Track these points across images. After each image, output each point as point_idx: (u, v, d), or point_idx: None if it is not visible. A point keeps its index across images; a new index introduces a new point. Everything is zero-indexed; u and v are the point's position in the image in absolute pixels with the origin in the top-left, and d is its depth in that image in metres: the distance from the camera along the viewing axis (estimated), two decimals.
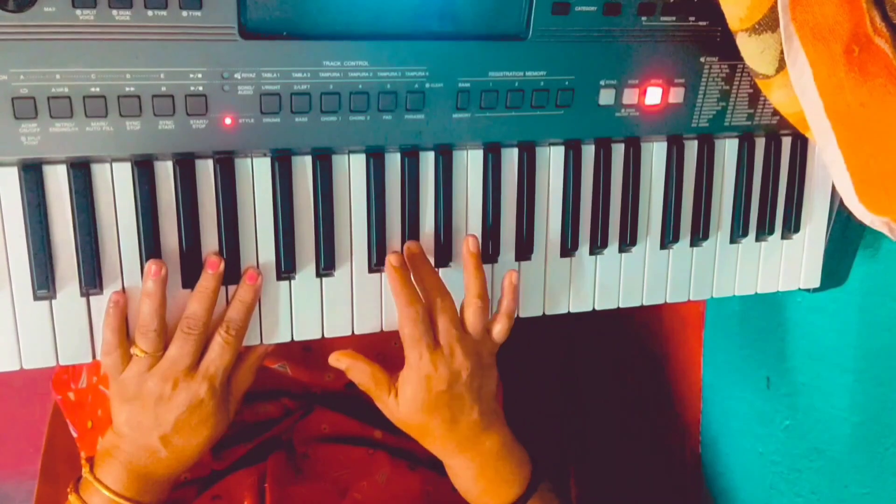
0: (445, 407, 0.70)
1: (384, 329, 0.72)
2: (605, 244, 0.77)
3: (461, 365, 0.70)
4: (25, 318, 0.63)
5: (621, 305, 0.77)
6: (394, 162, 0.69)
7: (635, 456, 1.09)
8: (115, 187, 0.63)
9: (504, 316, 0.72)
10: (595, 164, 0.75)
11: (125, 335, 0.64)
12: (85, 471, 0.69)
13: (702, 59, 0.74)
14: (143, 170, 0.63)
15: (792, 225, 0.83)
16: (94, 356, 0.65)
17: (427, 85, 0.67)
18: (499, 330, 0.72)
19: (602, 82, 0.71)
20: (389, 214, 0.70)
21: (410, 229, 0.70)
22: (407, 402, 0.70)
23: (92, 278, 0.63)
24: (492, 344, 0.73)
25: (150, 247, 0.64)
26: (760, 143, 0.80)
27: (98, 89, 0.59)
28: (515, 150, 0.72)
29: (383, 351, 0.91)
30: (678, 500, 1.16)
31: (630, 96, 0.73)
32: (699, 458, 1.13)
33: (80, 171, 0.61)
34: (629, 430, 0.91)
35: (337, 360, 0.72)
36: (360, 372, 0.72)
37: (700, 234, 0.80)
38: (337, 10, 0.63)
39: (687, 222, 0.79)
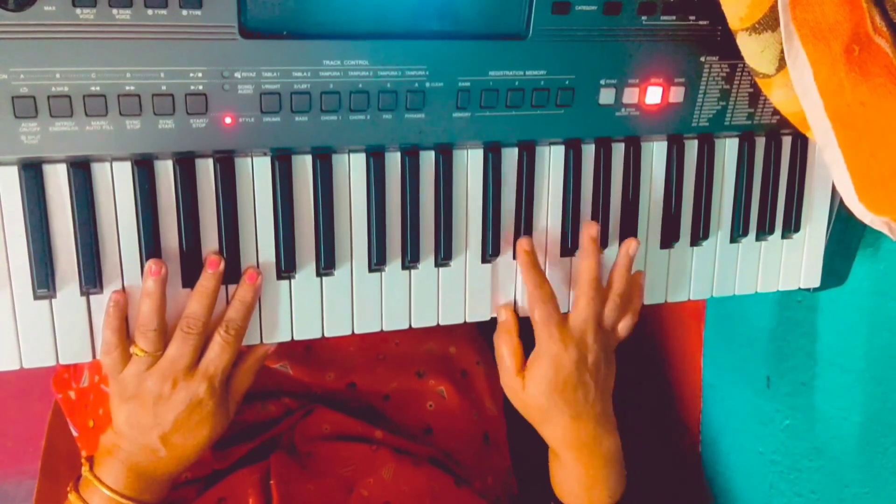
0: (571, 391, 0.72)
1: (384, 329, 0.72)
2: (605, 244, 0.76)
3: (589, 348, 0.72)
4: (25, 317, 0.63)
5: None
6: (394, 161, 0.69)
7: (635, 455, 1.09)
8: (115, 186, 0.63)
9: (632, 313, 0.76)
10: (595, 163, 0.75)
11: (125, 334, 0.64)
12: (85, 469, 0.69)
13: (702, 59, 0.74)
14: (143, 169, 0.63)
15: (792, 224, 0.83)
16: (93, 355, 0.65)
17: (427, 84, 0.67)
18: (625, 326, 0.76)
19: (602, 82, 0.71)
20: (389, 214, 0.70)
21: (411, 229, 0.70)
22: (534, 381, 0.72)
23: (92, 277, 0.63)
24: (615, 339, 0.76)
25: (150, 246, 0.64)
26: (761, 143, 0.80)
27: (98, 88, 0.59)
28: (515, 150, 0.72)
29: (383, 351, 0.92)
30: (678, 500, 1.16)
31: (630, 96, 0.73)
32: (699, 458, 1.13)
33: (81, 171, 0.61)
34: (629, 430, 0.91)
35: (501, 311, 0.74)
36: (509, 339, 0.74)
37: (700, 233, 0.80)
38: (337, 10, 0.63)
39: (687, 222, 0.79)
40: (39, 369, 0.65)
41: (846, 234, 0.84)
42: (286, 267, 0.68)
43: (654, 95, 0.73)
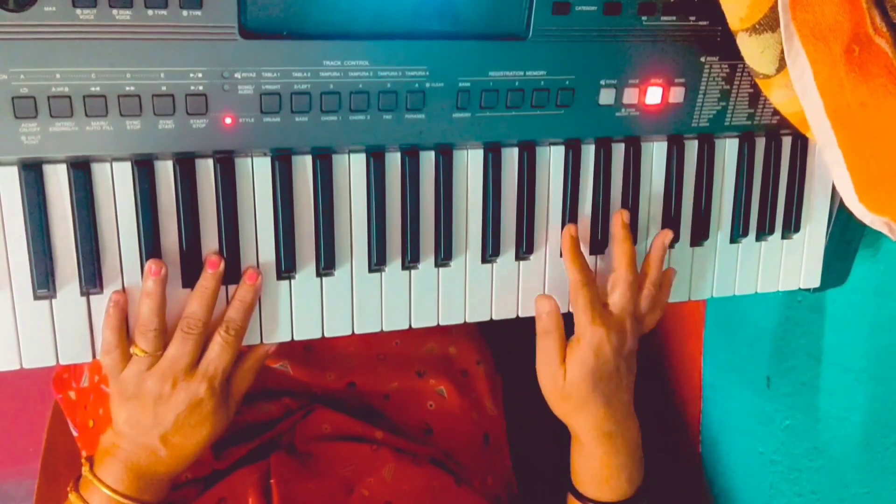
0: (607, 378, 0.73)
1: (384, 329, 0.72)
2: (605, 244, 0.77)
3: (626, 337, 0.73)
4: (25, 317, 0.63)
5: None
6: (394, 161, 0.69)
7: None
8: (116, 187, 0.63)
9: (660, 307, 0.77)
10: (595, 163, 0.75)
11: (125, 335, 0.64)
12: (85, 469, 0.69)
13: (702, 59, 0.74)
14: (143, 169, 0.63)
15: (792, 225, 0.83)
16: (94, 355, 0.65)
17: (427, 84, 0.67)
18: (653, 318, 0.77)
19: (602, 82, 0.71)
20: (390, 214, 0.70)
21: (411, 229, 0.70)
22: (575, 368, 0.72)
23: (92, 278, 0.63)
24: (640, 331, 0.76)
25: (150, 246, 0.64)
26: (760, 143, 0.80)
27: (98, 89, 0.59)
28: (515, 150, 0.72)
29: (383, 351, 0.92)
30: (678, 500, 1.16)
31: (630, 96, 0.73)
32: (699, 458, 1.13)
33: (81, 171, 0.61)
34: None
35: (543, 301, 0.74)
36: (555, 325, 0.74)
37: (700, 233, 0.80)
38: (337, 10, 0.63)
39: (687, 222, 0.79)
40: (39, 369, 0.65)
41: (846, 234, 0.84)
42: (286, 267, 0.68)
43: (654, 96, 0.73)
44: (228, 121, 0.63)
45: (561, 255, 0.75)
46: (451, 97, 0.68)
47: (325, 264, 0.68)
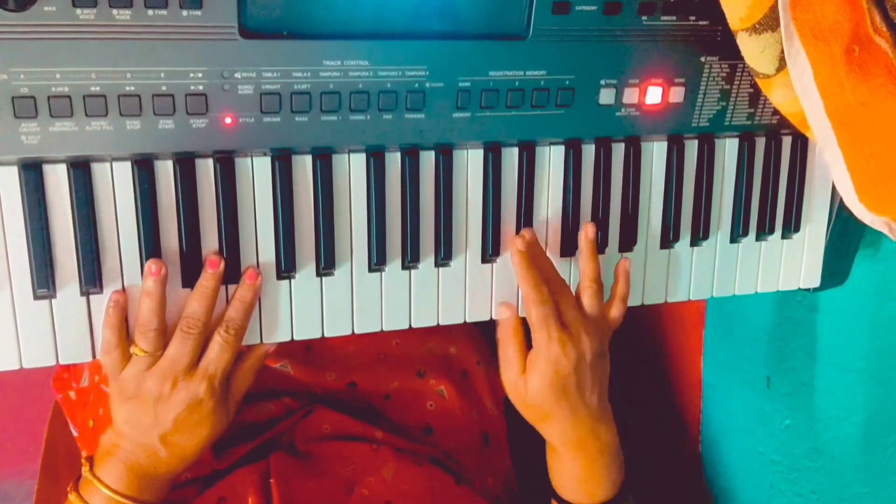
0: (571, 390, 0.72)
1: (384, 329, 0.72)
2: (605, 244, 0.77)
3: (587, 346, 0.72)
4: (25, 317, 0.62)
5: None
6: (394, 161, 0.69)
7: (635, 455, 1.09)
8: (116, 186, 0.63)
9: (619, 300, 0.75)
10: (595, 163, 0.75)
11: (125, 334, 0.64)
12: (85, 469, 0.69)
13: (702, 59, 0.74)
14: (143, 169, 0.63)
15: (792, 225, 0.83)
16: (93, 355, 0.65)
17: (427, 84, 0.67)
18: (615, 314, 0.75)
19: (602, 82, 0.71)
20: (390, 214, 0.70)
21: (411, 229, 0.70)
22: (535, 381, 0.72)
23: (92, 277, 0.63)
24: (607, 328, 0.75)
25: (150, 246, 0.64)
26: (761, 143, 0.80)
27: (98, 88, 0.59)
28: (515, 150, 0.72)
29: (383, 350, 0.92)
30: (678, 500, 1.16)
31: (630, 96, 0.73)
32: (699, 458, 1.13)
33: (81, 171, 0.61)
34: (629, 430, 0.91)
35: (505, 308, 0.74)
36: (513, 334, 0.73)
37: (700, 233, 0.80)
38: (337, 10, 0.63)
39: (687, 222, 0.79)
40: (39, 369, 0.65)
41: (846, 234, 0.84)
42: (286, 267, 0.68)
43: (654, 95, 0.73)
44: (228, 121, 0.63)
45: (568, 255, 0.75)
46: (451, 97, 0.68)
47: (325, 264, 0.68)
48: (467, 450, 0.89)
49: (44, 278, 0.62)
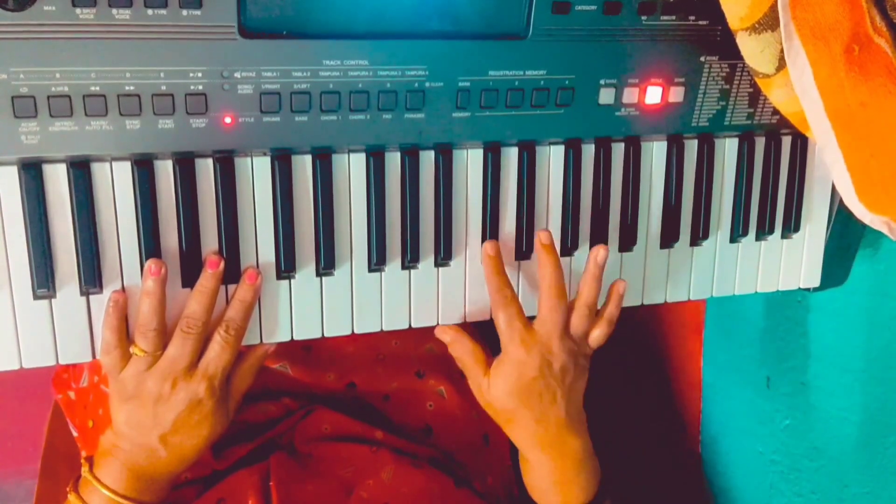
0: (536, 396, 0.72)
1: (384, 328, 0.72)
2: (605, 243, 0.76)
3: (554, 356, 0.71)
4: (25, 317, 0.62)
5: (622, 305, 0.77)
6: (394, 161, 0.69)
7: (635, 455, 1.09)
8: (115, 186, 0.63)
9: (606, 322, 0.74)
10: (595, 163, 0.75)
11: (125, 334, 0.64)
12: (84, 470, 0.69)
13: (702, 59, 0.74)
14: (143, 169, 0.62)
15: (792, 224, 0.83)
16: (93, 355, 0.65)
17: (427, 84, 0.67)
18: (597, 335, 0.74)
19: (602, 81, 0.71)
20: (389, 213, 0.70)
21: (411, 229, 0.70)
22: (498, 384, 0.72)
23: (92, 277, 0.63)
24: (588, 348, 0.75)
25: (150, 246, 0.64)
26: (760, 143, 0.80)
27: (98, 88, 0.59)
28: (515, 150, 0.72)
29: (383, 351, 0.91)
30: (678, 500, 1.16)
31: (630, 95, 0.73)
32: (699, 458, 1.13)
33: (80, 170, 0.61)
34: (629, 430, 0.92)
35: (442, 332, 0.75)
36: (461, 347, 0.75)
37: (700, 233, 0.80)
38: (337, 10, 0.63)
39: (687, 222, 0.79)
40: (39, 369, 0.65)
41: (846, 234, 0.84)
42: (286, 267, 0.68)
43: (653, 95, 0.73)
44: (228, 120, 0.63)
45: (567, 255, 0.74)
46: (450, 97, 0.68)
47: (325, 264, 0.68)
48: (467, 450, 0.89)
49: (44, 278, 0.62)
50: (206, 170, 0.64)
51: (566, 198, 0.75)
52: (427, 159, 0.70)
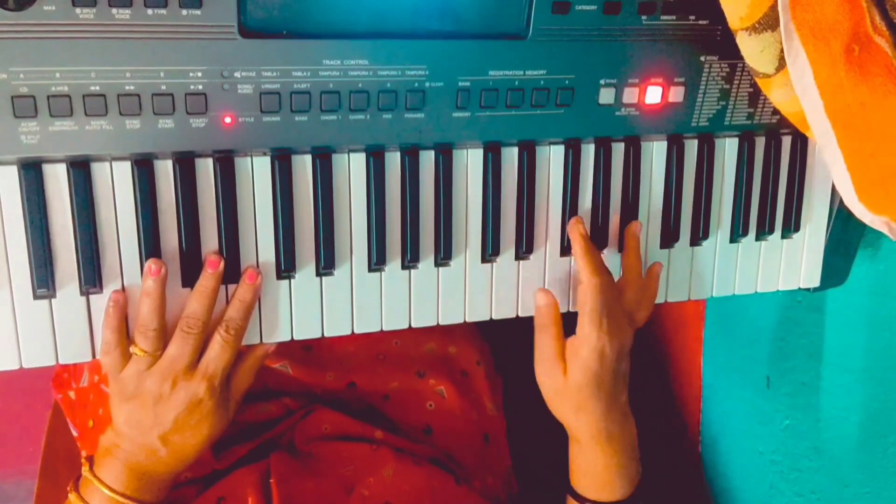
0: (608, 383, 0.72)
1: (384, 328, 0.72)
2: (605, 243, 0.76)
3: (627, 340, 0.73)
4: (25, 317, 0.62)
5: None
6: (394, 161, 0.69)
7: None
8: (115, 186, 0.63)
9: (648, 302, 0.76)
10: (595, 163, 0.75)
11: (125, 334, 0.64)
12: (85, 469, 0.69)
13: (702, 58, 0.74)
14: (143, 169, 0.62)
15: (792, 224, 0.83)
16: (93, 355, 0.65)
17: (427, 84, 0.67)
18: (645, 315, 0.76)
19: (602, 81, 0.71)
20: (389, 213, 0.70)
21: (411, 228, 0.70)
22: (577, 371, 0.72)
23: (92, 277, 0.63)
24: (634, 328, 0.76)
25: (150, 246, 0.64)
26: (760, 143, 0.80)
27: (98, 88, 0.59)
28: (515, 149, 0.72)
29: (383, 350, 0.92)
30: (678, 500, 1.16)
31: (630, 95, 0.73)
32: (699, 458, 1.13)
33: (80, 170, 0.61)
34: None
35: (545, 293, 0.74)
36: (552, 323, 0.73)
37: (700, 233, 0.80)
38: (337, 9, 0.63)
39: (687, 221, 0.79)
40: (39, 369, 0.65)
41: (846, 234, 0.84)
42: (286, 267, 0.68)
43: (653, 95, 0.73)
44: (228, 120, 0.63)
45: (567, 254, 0.75)
46: (450, 97, 0.68)
47: (325, 264, 0.68)
48: (467, 450, 0.89)
49: (43, 278, 0.62)
50: (206, 170, 0.64)
51: (566, 198, 0.75)
52: (427, 159, 0.70)
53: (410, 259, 0.71)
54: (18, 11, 0.56)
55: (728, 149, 0.79)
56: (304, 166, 0.67)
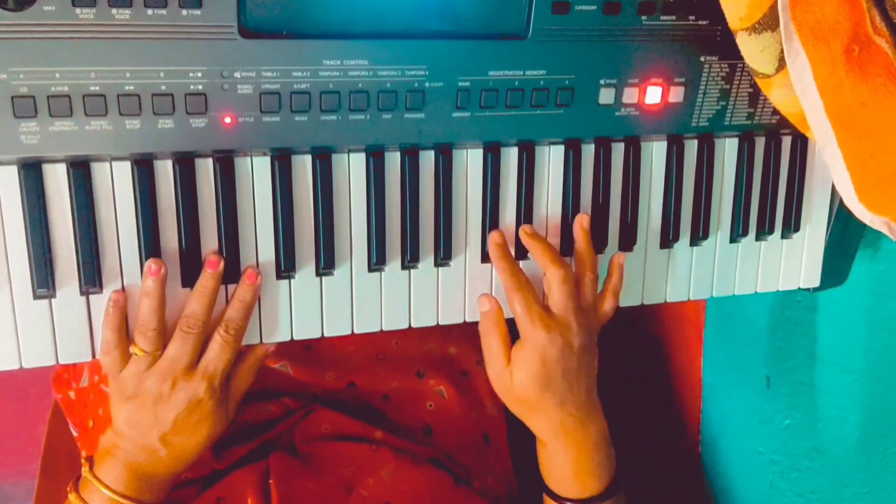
0: (557, 380, 0.71)
1: (384, 328, 0.72)
2: (604, 244, 0.77)
3: (574, 333, 0.71)
4: (25, 316, 0.63)
5: (621, 305, 0.77)
6: (394, 161, 0.69)
7: (635, 455, 1.09)
8: (115, 186, 0.63)
9: (612, 294, 0.75)
10: (595, 163, 0.75)
11: (125, 334, 0.64)
12: (84, 470, 0.69)
13: (702, 59, 0.74)
14: (143, 169, 0.63)
15: (792, 224, 0.83)
16: (93, 355, 0.65)
17: (427, 84, 0.67)
18: (606, 308, 0.75)
19: (602, 81, 0.71)
20: (389, 213, 0.70)
21: (410, 228, 0.70)
22: (521, 371, 0.71)
23: (91, 277, 0.63)
24: (597, 322, 0.75)
25: (150, 246, 0.64)
26: (760, 143, 0.80)
27: (98, 88, 0.59)
28: (515, 150, 0.72)
29: (383, 350, 0.92)
30: (678, 500, 1.16)
31: (630, 95, 0.73)
32: (699, 458, 1.13)
33: (80, 170, 0.61)
34: (629, 430, 0.92)
35: (488, 299, 0.73)
36: (496, 324, 0.73)
37: (700, 233, 0.80)
38: (337, 9, 0.63)
39: (687, 221, 0.79)
40: (39, 369, 0.65)
41: (846, 234, 0.84)
42: (286, 267, 0.68)
43: (653, 95, 0.73)
44: (228, 120, 0.63)
45: (567, 254, 0.74)
46: (450, 97, 0.68)
47: (325, 264, 0.68)
48: (467, 450, 0.89)
49: (43, 278, 0.62)
50: (205, 170, 0.64)
51: (566, 198, 0.75)
52: (427, 159, 0.70)
53: (410, 259, 0.71)
54: (18, 11, 0.56)
55: (728, 149, 0.79)
56: (303, 166, 0.67)
